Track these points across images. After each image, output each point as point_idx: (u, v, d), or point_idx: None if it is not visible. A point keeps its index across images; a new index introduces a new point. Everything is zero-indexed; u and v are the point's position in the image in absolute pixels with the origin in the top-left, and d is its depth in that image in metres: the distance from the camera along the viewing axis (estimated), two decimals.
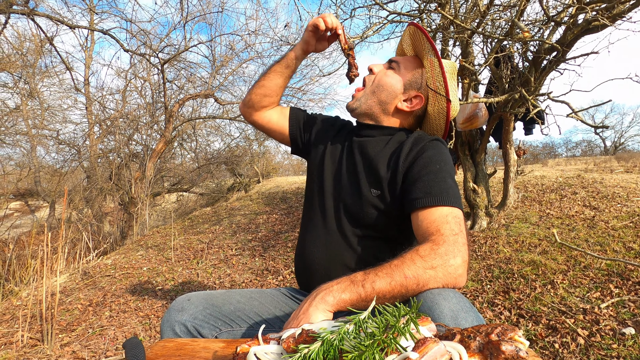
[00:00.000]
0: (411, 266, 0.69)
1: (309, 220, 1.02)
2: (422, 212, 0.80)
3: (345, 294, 0.67)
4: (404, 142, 0.93)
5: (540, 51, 2.30)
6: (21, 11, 5.04)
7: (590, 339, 1.59)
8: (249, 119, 1.13)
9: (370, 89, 1.01)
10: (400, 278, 0.67)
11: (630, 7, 1.88)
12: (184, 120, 7.27)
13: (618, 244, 2.59)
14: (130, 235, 5.79)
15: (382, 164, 0.92)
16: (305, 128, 1.14)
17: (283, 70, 1.06)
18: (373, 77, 1.02)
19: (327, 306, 0.66)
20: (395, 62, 1.02)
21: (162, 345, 0.68)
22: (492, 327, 0.45)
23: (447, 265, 0.70)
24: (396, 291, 0.67)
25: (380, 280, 0.67)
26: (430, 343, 0.41)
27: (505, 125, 3.05)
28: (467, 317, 0.60)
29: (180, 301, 0.87)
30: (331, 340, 0.44)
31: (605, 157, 13.34)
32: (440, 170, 0.85)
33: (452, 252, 0.71)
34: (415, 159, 0.88)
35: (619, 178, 4.47)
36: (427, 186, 0.82)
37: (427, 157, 0.87)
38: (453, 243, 0.73)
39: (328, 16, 0.98)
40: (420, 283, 0.68)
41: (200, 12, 6.41)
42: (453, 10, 2.88)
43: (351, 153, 1.01)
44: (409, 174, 0.87)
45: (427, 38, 0.96)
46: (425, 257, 0.70)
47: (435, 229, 0.76)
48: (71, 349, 2.06)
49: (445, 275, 0.69)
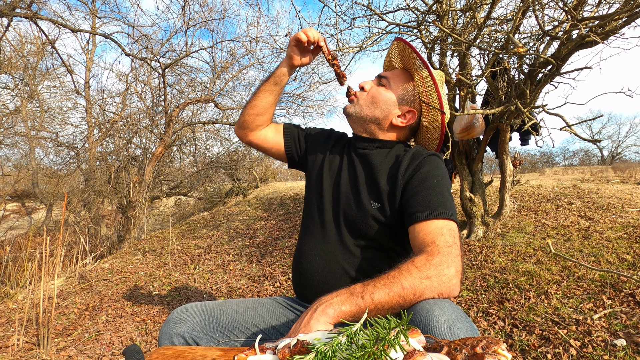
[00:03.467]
0: (408, 277, 0.71)
1: (308, 230, 1.03)
2: (419, 225, 0.83)
3: (346, 306, 0.69)
4: (402, 157, 0.96)
5: (536, 64, 2.34)
6: (24, 14, 5.08)
7: (582, 349, 1.61)
8: (245, 139, 1.14)
9: (365, 102, 1.03)
10: (398, 289, 0.70)
11: (623, 24, 1.92)
12: (184, 125, 7.30)
13: (612, 255, 2.62)
14: (128, 239, 5.79)
15: (382, 176, 0.95)
16: (300, 142, 1.16)
17: (272, 87, 1.08)
18: (365, 93, 1.04)
19: (328, 318, 0.67)
20: (385, 78, 1.04)
21: (161, 352, 0.70)
22: (478, 340, 0.48)
23: (442, 275, 0.72)
24: (394, 302, 0.70)
25: (378, 291, 0.70)
26: (418, 356, 0.44)
27: (502, 136, 3.09)
28: (461, 326, 0.63)
29: (178, 313, 0.88)
30: (324, 352, 0.46)
31: (602, 167, 13.43)
32: (438, 185, 0.89)
33: (446, 262, 0.74)
34: (414, 174, 0.91)
35: (615, 189, 4.52)
36: (425, 200, 0.86)
37: (425, 172, 0.91)
38: (447, 254, 0.76)
39: (309, 30, 1.00)
40: (417, 293, 0.70)
41: (202, 19, 6.48)
42: (451, 22, 2.93)
43: (351, 165, 1.03)
44: (407, 188, 0.90)
45: (416, 54, 0.99)
46: (420, 267, 0.73)
47: (431, 240, 0.79)
48: (67, 353, 2.06)
49: (440, 285, 0.72)
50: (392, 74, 1.05)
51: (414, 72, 1.03)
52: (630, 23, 1.90)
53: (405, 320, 0.50)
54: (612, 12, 1.88)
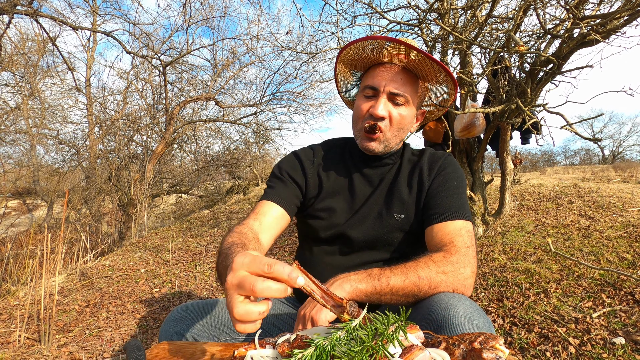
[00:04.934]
0: (425, 268, 0.73)
1: (315, 247, 0.97)
2: (437, 226, 0.85)
3: (362, 284, 0.70)
4: (418, 162, 0.96)
5: (537, 63, 2.34)
6: (25, 12, 5.08)
7: (581, 348, 1.61)
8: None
9: (392, 134, 0.91)
10: (414, 278, 0.72)
11: (624, 23, 1.92)
12: (185, 123, 7.30)
13: (612, 253, 2.62)
14: (129, 237, 5.80)
15: (402, 187, 0.94)
16: (296, 195, 0.98)
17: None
18: (387, 123, 0.90)
19: (343, 292, 0.69)
20: (401, 96, 0.89)
21: (162, 347, 0.70)
22: (476, 336, 0.48)
23: (458, 273, 0.74)
24: (409, 289, 0.71)
25: (395, 276, 0.71)
26: (416, 350, 0.44)
27: (503, 135, 3.08)
28: (479, 318, 0.64)
29: (178, 311, 0.86)
30: (323, 346, 0.46)
31: (603, 166, 13.41)
32: (458, 187, 0.90)
33: (463, 262, 0.76)
34: (436, 176, 0.92)
35: (615, 188, 4.52)
36: (445, 202, 0.87)
37: (447, 174, 0.92)
38: (465, 254, 0.77)
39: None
40: (432, 285, 0.72)
41: (203, 16, 6.48)
42: (452, 21, 2.93)
43: (365, 185, 0.96)
44: (430, 189, 0.91)
45: (438, 64, 0.87)
46: (438, 262, 0.75)
47: (449, 240, 0.81)
48: (68, 349, 2.07)
49: (455, 282, 0.73)
50: (401, 84, 0.89)
51: (431, 82, 0.94)
52: (631, 22, 1.89)
53: (403, 316, 0.51)
54: (613, 11, 1.88)
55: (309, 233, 0.99)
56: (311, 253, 0.98)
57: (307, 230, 0.99)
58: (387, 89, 0.88)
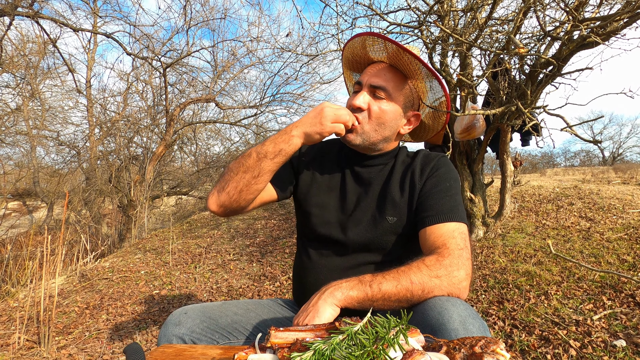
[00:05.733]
0: (417, 273, 0.72)
1: (311, 247, 0.98)
2: (430, 228, 0.84)
3: (353, 292, 0.70)
4: (411, 164, 0.95)
5: (537, 65, 2.34)
6: (26, 14, 5.09)
7: (582, 350, 1.61)
8: (241, 212, 0.96)
9: (371, 127, 0.90)
10: (407, 283, 0.71)
11: (624, 25, 1.92)
12: (185, 124, 7.30)
13: (612, 255, 2.62)
14: (129, 238, 5.80)
15: (394, 189, 0.93)
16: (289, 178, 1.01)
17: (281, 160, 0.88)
18: (366, 115, 0.90)
19: (335, 300, 0.69)
20: (382, 89, 0.89)
21: (162, 350, 0.70)
22: (477, 340, 0.48)
23: (452, 276, 0.73)
24: (401, 294, 0.70)
25: (387, 282, 0.71)
26: (417, 355, 0.44)
27: (503, 136, 3.08)
28: (474, 322, 0.64)
29: (177, 314, 0.86)
30: (323, 350, 0.46)
31: (603, 167, 13.41)
32: (451, 188, 0.89)
33: (456, 264, 0.75)
34: (429, 177, 0.91)
35: (616, 189, 4.51)
36: (437, 204, 0.86)
37: (439, 175, 0.91)
38: (458, 257, 0.77)
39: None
40: (425, 289, 0.71)
41: (203, 18, 6.49)
42: (452, 23, 2.93)
43: (357, 184, 0.97)
44: (422, 191, 0.90)
45: (419, 61, 0.87)
46: (430, 266, 0.74)
47: (442, 242, 0.80)
48: (68, 352, 2.06)
49: (449, 285, 0.73)
50: (384, 79, 0.90)
51: (416, 80, 0.93)
52: (631, 24, 1.89)
53: (404, 319, 0.50)
54: (613, 13, 1.88)
55: (305, 232, 1.02)
56: (308, 257, 0.99)
57: (304, 229, 1.02)
58: (369, 82, 0.91)
